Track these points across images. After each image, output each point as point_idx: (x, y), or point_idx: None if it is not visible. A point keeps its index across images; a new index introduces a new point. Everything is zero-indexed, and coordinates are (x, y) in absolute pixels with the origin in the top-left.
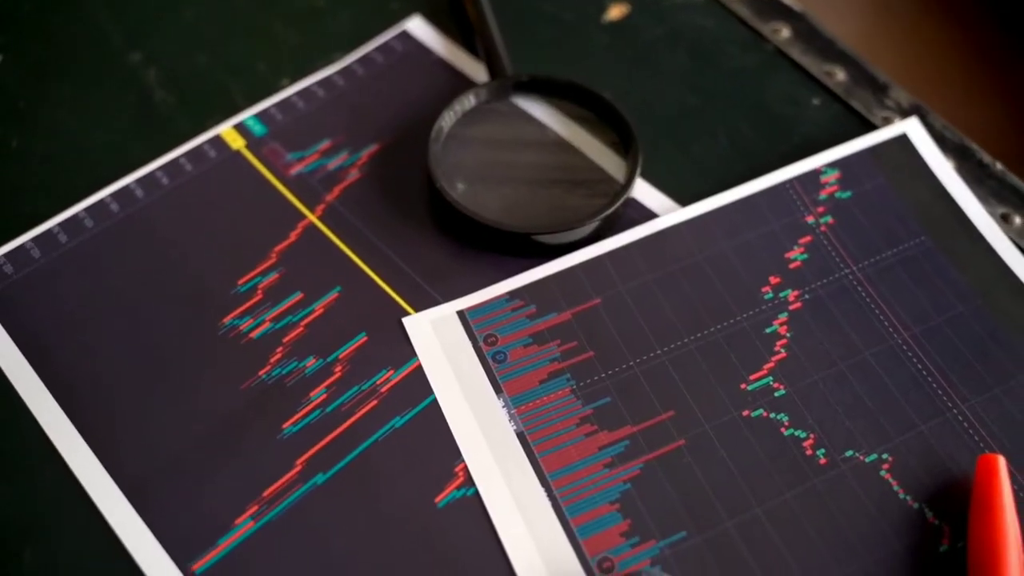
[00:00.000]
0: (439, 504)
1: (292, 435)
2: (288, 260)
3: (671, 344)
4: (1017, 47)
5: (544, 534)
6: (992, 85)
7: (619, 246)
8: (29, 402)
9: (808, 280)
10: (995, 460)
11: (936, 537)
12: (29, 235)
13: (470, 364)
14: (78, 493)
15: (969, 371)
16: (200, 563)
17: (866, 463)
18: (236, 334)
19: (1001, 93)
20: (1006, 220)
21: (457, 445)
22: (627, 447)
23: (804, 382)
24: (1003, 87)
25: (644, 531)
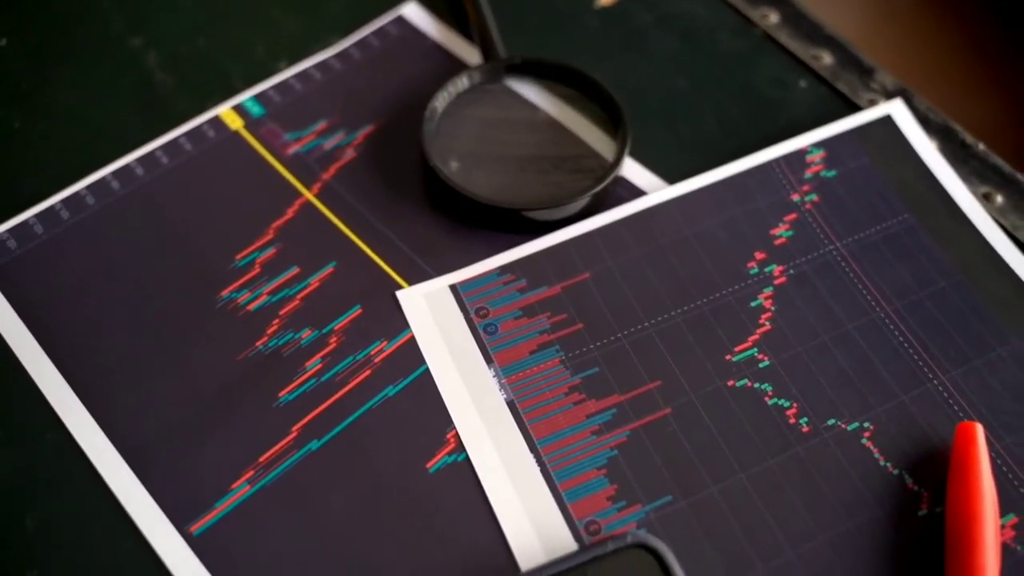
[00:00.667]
0: (430, 469)
1: (288, 403)
2: (285, 236)
3: (658, 317)
4: (1015, 42)
5: (533, 498)
6: (990, 80)
7: (608, 222)
8: (32, 371)
9: (793, 256)
10: (973, 427)
11: (915, 502)
12: (32, 211)
13: (462, 336)
14: (79, 459)
15: (950, 344)
16: (197, 525)
17: (848, 431)
18: (234, 307)
19: (999, 88)
20: (988, 199)
21: (448, 413)
22: (614, 415)
23: (788, 354)
24: (1001, 82)
25: (630, 495)
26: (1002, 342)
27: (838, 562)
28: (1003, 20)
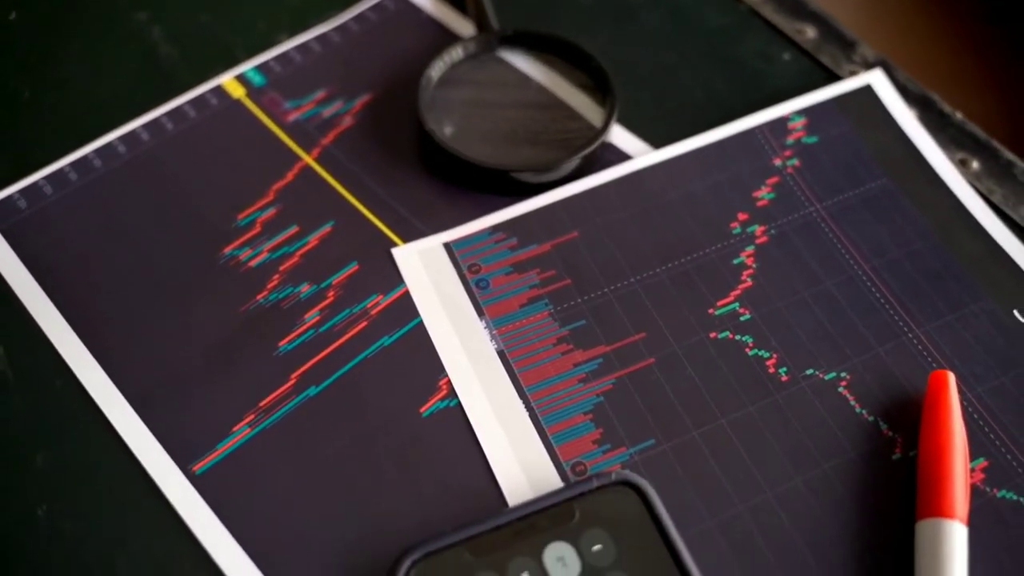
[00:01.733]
0: (423, 414)
1: (287, 352)
2: (285, 197)
3: (644, 273)
4: (1007, 39)
5: (521, 440)
6: (983, 77)
7: (596, 185)
8: (41, 323)
9: (774, 217)
10: (945, 375)
11: (889, 447)
12: (41, 173)
13: (455, 290)
14: (87, 403)
15: (925, 300)
16: (200, 464)
17: (825, 380)
18: (236, 263)
19: (993, 85)
20: (964, 164)
21: (441, 362)
22: (600, 364)
23: (768, 308)
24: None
25: (615, 439)
26: (975, 299)
27: (814, 502)
28: (997, 18)
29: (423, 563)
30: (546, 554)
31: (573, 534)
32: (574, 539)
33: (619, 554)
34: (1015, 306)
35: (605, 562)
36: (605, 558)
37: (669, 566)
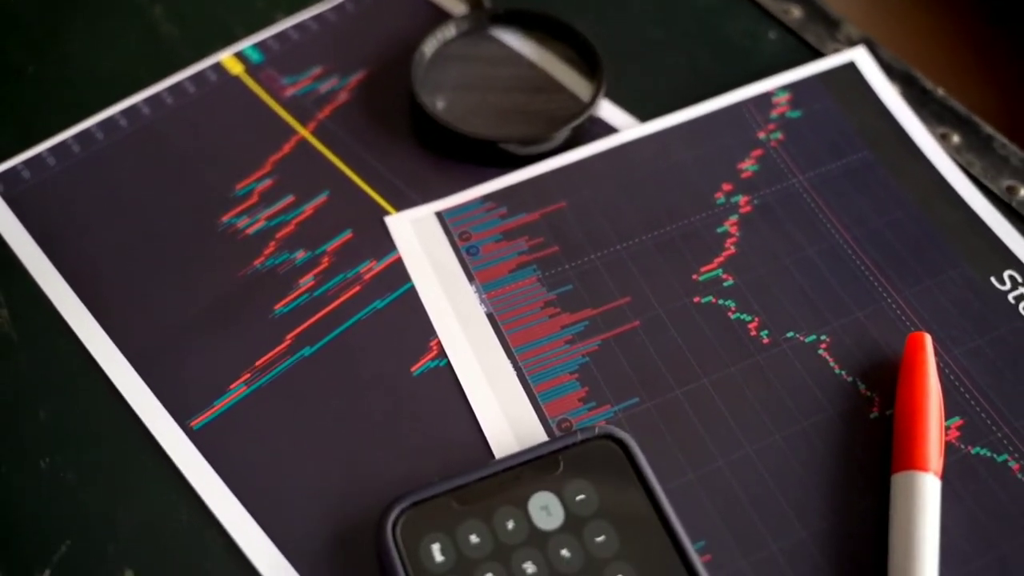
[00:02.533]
0: (414, 373)
1: (283, 315)
2: (282, 169)
3: (630, 240)
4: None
5: (509, 398)
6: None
7: (585, 156)
8: (44, 286)
9: (758, 187)
10: (922, 336)
11: (867, 406)
12: (44, 145)
13: (445, 256)
14: (88, 362)
15: (904, 267)
16: (197, 420)
17: (805, 343)
18: (233, 231)
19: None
20: (945, 139)
21: (431, 324)
22: (586, 327)
23: (751, 274)
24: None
25: (600, 397)
26: (953, 266)
27: (792, 457)
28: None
29: (411, 511)
30: (531, 503)
31: (557, 484)
32: (558, 489)
33: (601, 504)
34: (992, 273)
35: (588, 511)
36: (588, 507)
37: (650, 516)
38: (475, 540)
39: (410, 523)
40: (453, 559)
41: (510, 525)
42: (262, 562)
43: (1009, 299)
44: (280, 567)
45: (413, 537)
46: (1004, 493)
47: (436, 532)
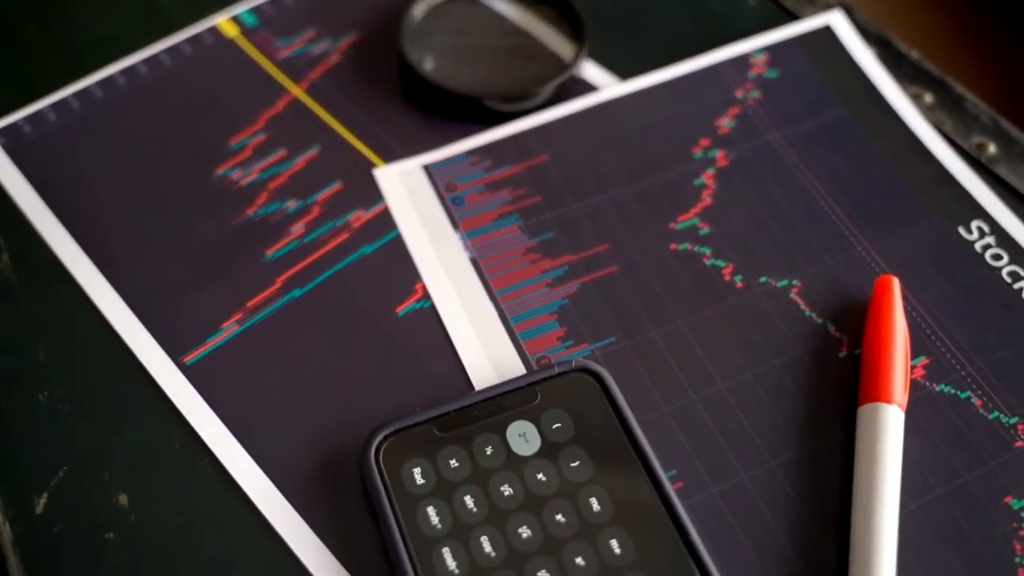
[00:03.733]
0: (400, 313)
1: (274, 260)
2: (275, 125)
3: (609, 191)
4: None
5: (490, 337)
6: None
7: (567, 113)
8: (44, 234)
9: (735, 142)
10: (891, 279)
11: (836, 346)
12: (45, 102)
13: (432, 206)
14: (86, 304)
15: (875, 218)
16: (190, 356)
17: (777, 287)
18: (228, 182)
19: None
20: (918, 99)
21: (417, 268)
22: (566, 271)
23: (726, 223)
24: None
25: (578, 336)
26: (924, 217)
27: (763, 393)
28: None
29: (394, 438)
30: (509, 431)
31: (535, 414)
32: (535, 418)
33: (577, 432)
34: (960, 223)
35: (563, 438)
36: (564, 435)
37: (624, 444)
38: (454, 464)
39: (393, 448)
40: (433, 481)
41: (488, 451)
42: (251, 487)
43: (976, 248)
44: (268, 491)
45: (395, 461)
46: (966, 427)
47: (417, 457)
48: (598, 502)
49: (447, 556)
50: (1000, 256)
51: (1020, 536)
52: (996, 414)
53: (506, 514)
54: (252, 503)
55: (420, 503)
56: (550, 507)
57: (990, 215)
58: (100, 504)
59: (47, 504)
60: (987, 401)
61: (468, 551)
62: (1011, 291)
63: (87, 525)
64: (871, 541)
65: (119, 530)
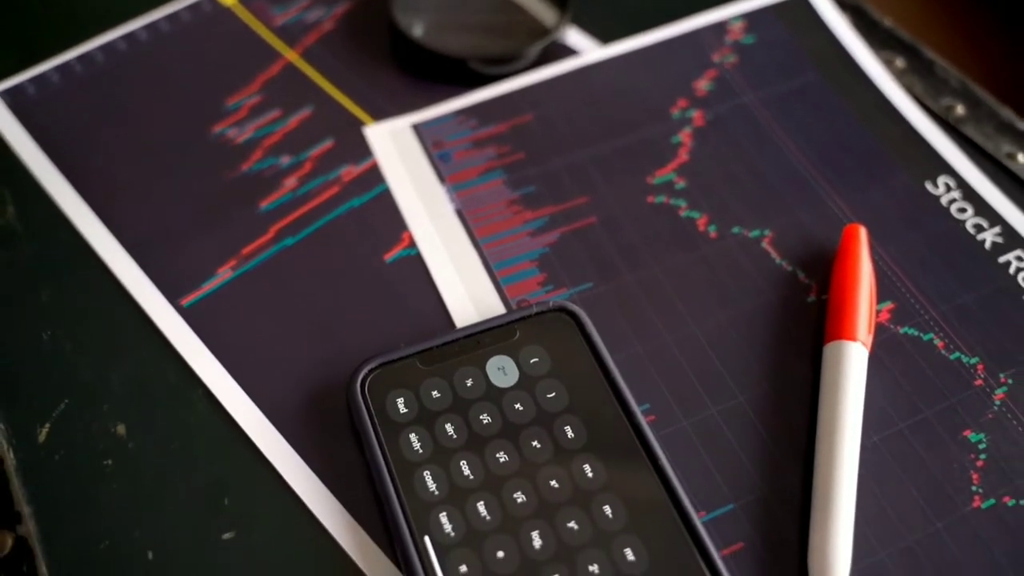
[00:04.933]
0: (388, 260)
1: (268, 211)
2: (269, 87)
3: (590, 148)
4: None
5: (473, 282)
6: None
7: (551, 76)
8: (47, 186)
9: (711, 103)
10: (858, 227)
11: (805, 291)
12: (49, 64)
13: (419, 161)
14: (86, 251)
15: (846, 173)
16: (187, 299)
17: (750, 237)
18: (224, 140)
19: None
20: (889, 64)
21: (404, 219)
22: (547, 222)
23: (702, 178)
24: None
25: (557, 281)
26: (892, 173)
27: (734, 334)
28: None
29: (379, 371)
30: (488, 364)
31: (513, 349)
32: (514, 353)
33: (553, 366)
34: (927, 178)
35: (541, 372)
36: (541, 368)
37: (598, 377)
38: (436, 395)
39: (378, 380)
40: (416, 411)
41: (468, 382)
42: (242, 417)
43: (942, 202)
44: (259, 421)
45: (380, 392)
46: (928, 366)
47: (401, 388)
48: (572, 430)
49: (427, 478)
50: (965, 209)
51: (977, 467)
52: (957, 355)
53: (484, 440)
54: (244, 432)
55: (403, 430)
56: (526, 434)
57: (956, 171)
58: (99, 433)
59: (49, 433)
60: (948, 343)
61: (447, 474)
62: (975, 242)
63: (86, 453)
64: (833, 467)
65: (117, 457)
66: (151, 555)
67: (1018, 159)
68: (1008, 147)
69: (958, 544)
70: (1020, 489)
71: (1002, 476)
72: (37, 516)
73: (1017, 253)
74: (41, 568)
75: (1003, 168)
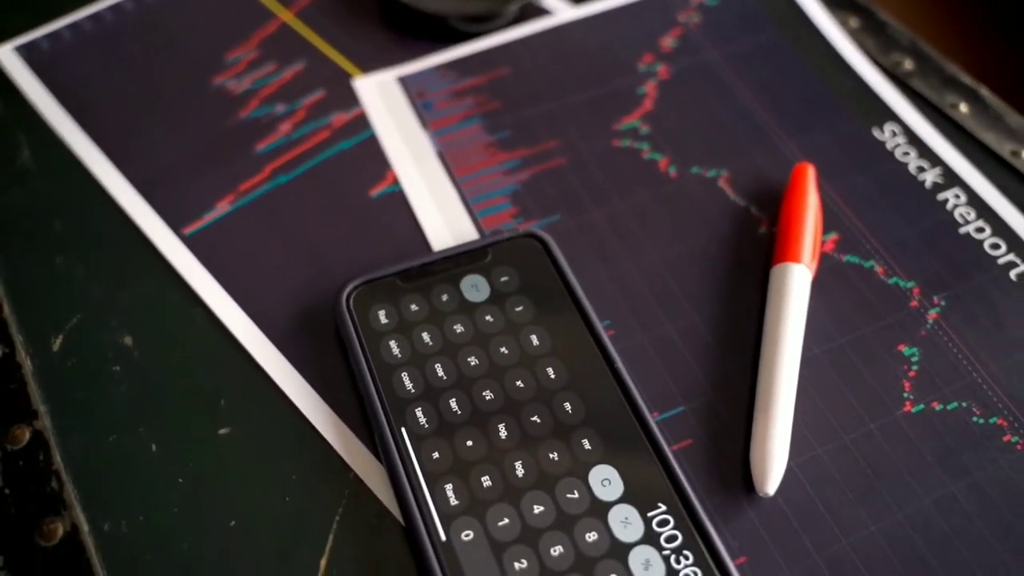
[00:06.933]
0: (373, 195)
1: (263, 153)
2: (265, 44)
3: (561, 98)
4: None
5: (451, 214)
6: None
7: (526, 34)
8: (61, 132)
9: (676, 59)
10: (807, 165)
11: (757, 224)
12: (61, 23)
13: (403, 109)
14: (95, 187)
15: (799, 120)
16: (189, 228)
17: (707, 176)
18: (224, 91)
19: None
20: (844, 23)
21: (389, 160)
22: (520, 163)
23: (664, 124)
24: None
25: (528, 214)
26: (842, 120)
27: (690, 261)
28: None
29: (363, 287)
30: (463, 282)
31: (486, 269)
32: (486, 273)
33: (522, 284)
34: (874, 125)
35: (510, 289)
36: (511, 286)
37: (563, 294)
38: (414, 308)
39: (362, 296)
40: (395, 321)
41: (444, 297)
42: (239, 330)
43: (887, 146)
44: (254, 334)
45: (363, 306)
46: (868, 290)
47: (383, 302)
48: (538, 339)
49: (405, 379)
50: (908, 153)
51: (909, 376)
52: (895, 280)
53: (457, 347)
54: (239, 344)
55: (383, 338)
56: (496, 342)
57: (902, 119)
58: (108, 343)
59: (63, 343)
60: (888, 269)
61: (423, 375)
62: (916, 181)
63: (96, 360)
64: (774, 372)
65: (124, 364)
66: (154, 447)
67: (960, 108)
68: (952, 98)
69: (890, 443)
70: (947, 396)
71: (932, 385)
72: (52, 413)
73: (955, 191)
74: (55, 457)
75: (946, 117)
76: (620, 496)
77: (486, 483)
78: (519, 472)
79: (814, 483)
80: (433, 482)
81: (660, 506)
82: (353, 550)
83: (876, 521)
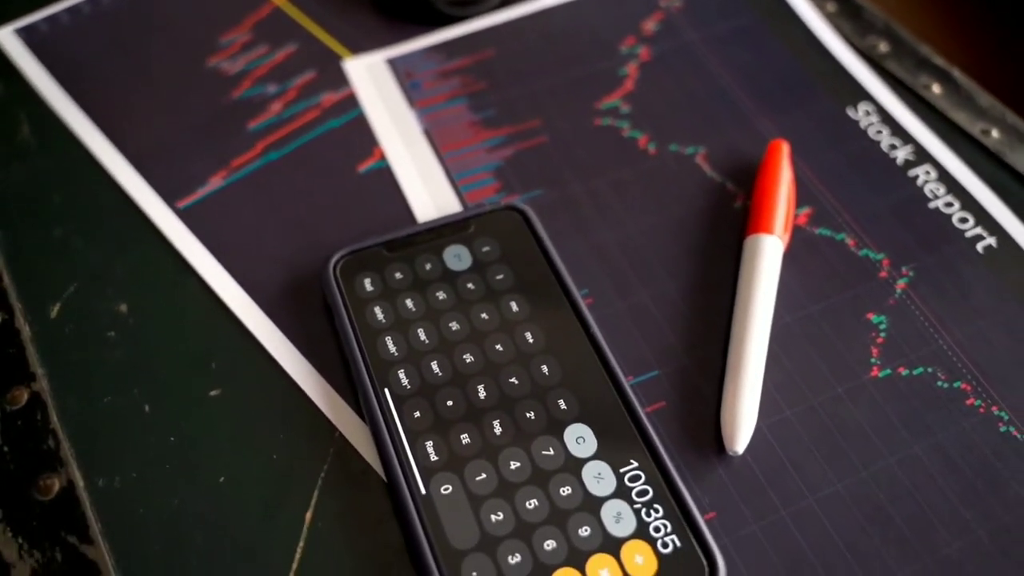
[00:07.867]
0: (361, 171)
1: (256, 131)
2: (259, 27)
3: (544, 79)
4: None
5: (436, 189)
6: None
7: (511, 18)
8: (59, 110)
9: (657, 42)
10: (781, 142)
11: (732, 199)
12: (60, 6)
13: (391, 89)
14: (93, 162)
15: (775, 100)
16: (183, 202)
17: (685, 153)
18: (218, 72)
19: None
20: (821, 7)
21: (377, 137)
22: (504, 140)
23: (644, 103)
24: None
25: (510, 189)
26: (818, 101)
27: (667, 233)
28: None
29: (350, 257)
30: (446, 252)
31: (468, 240)
32: (468, 243)
33: (503, 254)
34: (848, 104)
35: (491, 258)
36: (492, 256)
37: (542, 263)
38: (398, 276)
39: (348, 265)
40: (380, 289)
41: (428, 266)
42: (230, 298)
43: (860, 125)
44: (244, 301)
45: (350, 274)
46: (839, 261)
47: (368, 271)
48: (517, 305)
49: (389, 343)
50: (881, 131)
51: (877, 343)
52: (866, 251)
53: (439, 313)
54: (230, 311)
55: (368, 305)
56: (477, 308)
57: (875, 99)
58: (104, 310)
59: (60, 310)
60: (859, 241)
61: (406, 339)
62: (887, 158)
63: (93, 326)
64: (745, 337)
65: (119, 330)
66: (147, 408)
67: (933, 89)
68: (925, 79)
69: (857, 406)
70: (914, 362)
71: (898, 351)
72: (49, 376)
73: (926, 168)
74: (52, 417)
75: (919, 97)
76: (594, 453)
77: (465, 440)
78: (497, 430)
79: (782, 443)
80: (414, 439)
81: (632, 463)
82: (337, 504)
83: (841, 479)
